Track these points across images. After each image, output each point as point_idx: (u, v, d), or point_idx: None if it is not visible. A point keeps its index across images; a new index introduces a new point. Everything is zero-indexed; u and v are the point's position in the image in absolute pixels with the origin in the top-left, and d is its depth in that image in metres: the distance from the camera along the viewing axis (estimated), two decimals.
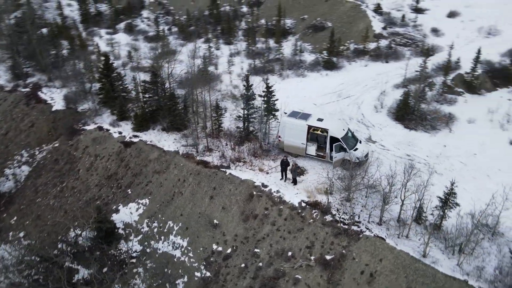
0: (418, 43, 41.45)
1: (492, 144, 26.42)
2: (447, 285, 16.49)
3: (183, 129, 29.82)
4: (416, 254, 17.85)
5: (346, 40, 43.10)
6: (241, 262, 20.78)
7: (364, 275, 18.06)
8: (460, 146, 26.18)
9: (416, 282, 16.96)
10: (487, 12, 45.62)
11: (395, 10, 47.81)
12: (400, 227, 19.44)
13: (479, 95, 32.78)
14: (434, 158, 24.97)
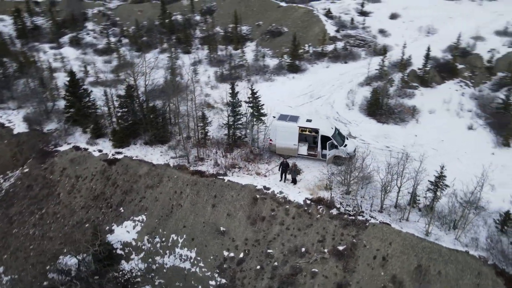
0: (370, 43, 44.81)
1: (453, 130, 29.76)
2: (452, 258, 18.60)
3: (167, 142, 29.55)
4: (420, 234, 19.82)
5: (304, 43, 45.18)
6: (256, 265, 21.37)
7: (377, 259, 19.64)
8: (428, 135, 29.14)
9: (425, 259, 18.88)
10: (423, 13, 50.56)
11: (343, 13, 51.08)
12: (400, 212, 21.33)
13: (431, 88, 36.45)
14: (409, 147, 27.48)
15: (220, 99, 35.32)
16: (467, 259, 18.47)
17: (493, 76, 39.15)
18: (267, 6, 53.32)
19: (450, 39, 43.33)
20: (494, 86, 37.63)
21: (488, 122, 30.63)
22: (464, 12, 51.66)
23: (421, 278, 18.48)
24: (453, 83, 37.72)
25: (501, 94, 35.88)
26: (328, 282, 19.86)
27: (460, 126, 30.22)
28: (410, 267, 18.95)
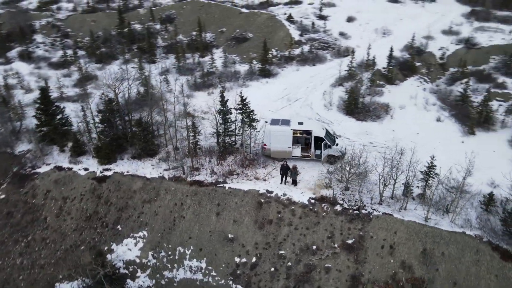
0: (333, 46, 47.03)
1: (424, 123, 32.37)
2: (452, 239, 20.48)
3: (155, 154, 29.13)
4: (421, 220, 21.57)
5: (270, 48, 46.30)
6: (269, 267, 21.92)
7: (385, 248, 21.06)
8: (403, 129, 31.44)
9: (429, 242, 20.60)
10: (375, 16, 53.95)
11: (303, 18, 53.06)
12: (397, 202, 23.00)
13: (396, 85, 39.22)
14: (390, 142, 29.51)
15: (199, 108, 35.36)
16: (465, 239, 20.43)
17: (446, 72, 42.94)
18: (229, 13, 53.91)
19: (404, 39, 46.82)
20: (448, 81, 41.26)
21: (452, 113, 33.61)
22: (411, 14, 55.88)
23: (427, 261, 20.14)
24: (414, 79, 40.84)
25: (456, 87, 39.53)
26: (342, 275, 20.91)
27: (429, 119, 32.92)
28: (417, 252, 20.55)
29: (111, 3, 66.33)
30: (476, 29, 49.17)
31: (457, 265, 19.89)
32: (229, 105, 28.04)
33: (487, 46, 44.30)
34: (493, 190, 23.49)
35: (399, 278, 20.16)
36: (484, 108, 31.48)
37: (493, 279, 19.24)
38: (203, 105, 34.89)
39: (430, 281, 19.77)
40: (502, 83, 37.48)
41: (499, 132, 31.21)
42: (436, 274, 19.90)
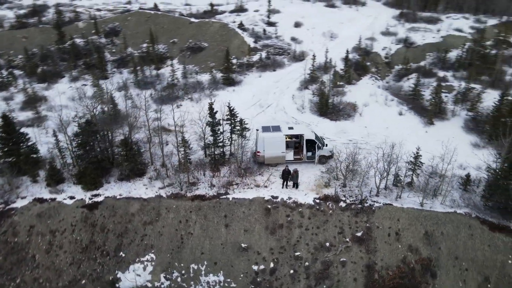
0: (288, 51, 49.02)
1: (389, 118, 35.42)
2: (447, 219, 23.05)
3: (144, 173, 28.24)
4: (417, 206, 23.89)
5: (227, 57, 46.81)
6: (288, 270, 22.66)
7: (391, 236, 22.99)
8: (374, 125, 34.13)
9: (428, 225, 22.95)
10: (319, 21, 57.27)
11: (253, 25, 54.41)
12: (391, 192, 25.14)
13: (354, 85, 42.22)
14: (367, 137, 31.98)
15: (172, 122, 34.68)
16: (458, 218, 23.12)
17: (392, 69, 47.16)
18: (178, 23, 53.37)
19: (350, 41, 50.45)
20: (395, 77, 45.45)
21: (409, 107, 37.20)
22: (349, 18, 60.24)
23: (430, 242, 22.43)
24: (367, 78, 44.32)
25: (404, 83, 43.72)
26: (357, 266, 22.40)
27: (392, 114, 36.10)
28: (420, 235, 22.76)
29: (42, 17, 61.70)
30: (409, 29, 54.58)
31: (455, 242, 22.43)
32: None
33: (422, 45, 49.52)
34: (463, 171, 26.71)
35: (409, 261, 22.16)
36: (437, 100, 35.30)
37: (487, 249, 22.08)
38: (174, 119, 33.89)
39: (436, 260, 22.05)
40: (443, 77, 42.24)
41: (451, 120, 35.30)
42: (439, 252, 22.25)
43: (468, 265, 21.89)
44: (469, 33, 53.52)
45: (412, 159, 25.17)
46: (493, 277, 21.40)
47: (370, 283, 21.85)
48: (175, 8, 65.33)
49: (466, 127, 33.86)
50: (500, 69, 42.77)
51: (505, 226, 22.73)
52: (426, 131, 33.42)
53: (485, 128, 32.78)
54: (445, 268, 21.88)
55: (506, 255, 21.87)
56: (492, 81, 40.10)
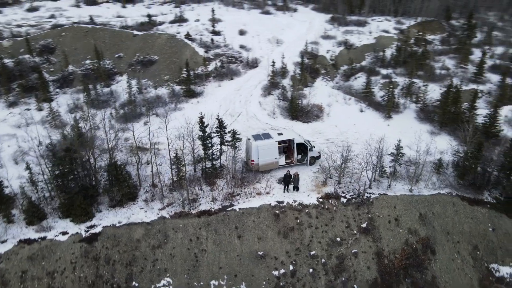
0: (240, 58, 49.98)
1: (353, 115, 38.35)
2: (434, 200, 26.04)
3: (136, 197, 27.08)
4: (407, 192, 26.55)
5: (181, 68, 46.35)
6: (307, 269, 23.69)
7: (391, 222, 25.29)
8: (342, 123, 36.71)
9: (421, 208, 25.69)
10: (261, 28, 59.17)
11: (199, 35, 54.37)
12: (380, 183, 27.55)
13: (310, 87, 44.72)
14: (341, 135, 34.34)
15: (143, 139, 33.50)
16: (442, 198, 26.24)
17: (338, 70, 50.81)
18: (121, 36, 51.19)
19: (296, 46, 53.21)
20: (343, 77, 49.18)
21: (367, 104, 40.63)
22: (287, 24, 63.17)
23: (425, 222, 25.16)
24: (320, 80, 47.23)
25: (351, 82, 47.49)
26: (368, 255, 24.25)
27: (354, 111, 39.12)
28: (415, 218, 25.39)
29: None
30: (344, 32, 59.12)
31: (444, 219, 25.47)
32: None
33: (360, 46, 54.09)
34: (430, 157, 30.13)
35: (411, 242, 24.62)
36: (390, 96, 39.14)
37: (470, 221, 25.46)
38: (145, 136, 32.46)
39: (432, 237, 24.82)
40: (387, 74, 46.75)
41: (404, 113, 39.39)
42: (434, 230, 25.08)
43: (458, 238, 25.01)
44: (394, 33, 59.66)
45: (394, 151, 27.77)
46: (480, 244, 24.75)
47: (382, 269, 23.80)
48: (108, 21, 62.20)
49: (418, 117, 38.09)
50: (430, 64, 48.61)
51: (480, 199, 26.38)
52: (388, 124, 36.87)
53: (435, 117, 37.18)
54: (441, 244, 24.72)
55: (486, 224, 25.44)
56: (428, 75, 45.42)
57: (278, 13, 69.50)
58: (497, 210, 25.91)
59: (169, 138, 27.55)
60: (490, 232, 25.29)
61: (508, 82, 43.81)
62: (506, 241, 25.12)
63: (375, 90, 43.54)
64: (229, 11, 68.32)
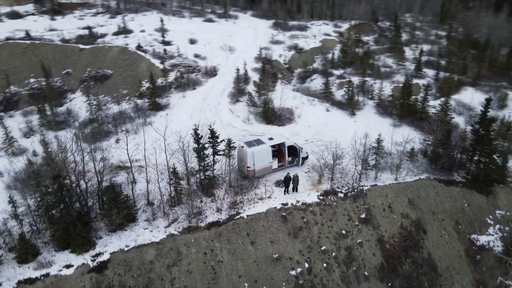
0: (197, 68, 49.74)
1: (321, 115, 40.58)
2: (418, 185, 28.90)
3: (135, 218, 26.07)
4: (393, 181, 29.09)
5: (139, 80, 44.95)
6: (321, 264, 24.91)
7: (386, 210, 27.59)
8: (314, 123, 38.70)
9: (408, 193, 28.35)
10: (210, 36, 59.33)
11: (149, 46, 53.01)
12: (368, 175, 29.81)
13: (272, 91, 46.25)
14: (316, 135, 36.24)
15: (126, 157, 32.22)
16: (424, 182, 29.22)
17: (293, 73, 53.12)
18: (66, 51, 47.96)
19: (249, 52, 54.50)
20: (299, 80, 51.56)
21: (330, 103, 43.20)
22: (233, 30, 64.09)
23: (414, 206, 27.85)
24: (279, 84, 48.94)
25: (308, 84, 50.08)
26: (371, 242, 26.20)
27: (321, 111, 41.39)
28: (405, 203, 27.96)
29: None
30: (290, 37, 61.76)
31: (428, 201, 28.42)
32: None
33: (309, 49, 56.99)
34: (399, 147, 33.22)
35: (405, 226, 27.10)
36: (350, 94, 42.14)
37: (449, 200, 28.74)
38: (122, 155, 30.85)
39: (422, 218, 27.59)
40: (341, 75, 50.03)
41: (365, 109, 42.65)
42: (422, 212, 27.87)
43: (442, 216, 28.10)
44: (335, 36, 63.84)
45: (375, 144, 30.20)
46: (461, 219, 28.08)
47: (385, 253, 25.87)
48: (41, 35, 57.52)
49: (379, 112, 41.55)
50: (374, 63, 53.01)
51: (452, 180, 29.88)
52: (355, 121, 39.66)
53: (392, 111, 40.87)
54: (430, 223, 27.58)
55: (461, 201, 28.92)
56: (376, 74, 49.56)
57: (221, 21, 70.04)
58: (468, 187, 29.54)
59: (156, 152, 26.93)
60: (466, 208, 28.79)
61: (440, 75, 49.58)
62: (480, 213, 28.81)
63: (333, 90, 46.31)
64: (171, 20, 67.16)
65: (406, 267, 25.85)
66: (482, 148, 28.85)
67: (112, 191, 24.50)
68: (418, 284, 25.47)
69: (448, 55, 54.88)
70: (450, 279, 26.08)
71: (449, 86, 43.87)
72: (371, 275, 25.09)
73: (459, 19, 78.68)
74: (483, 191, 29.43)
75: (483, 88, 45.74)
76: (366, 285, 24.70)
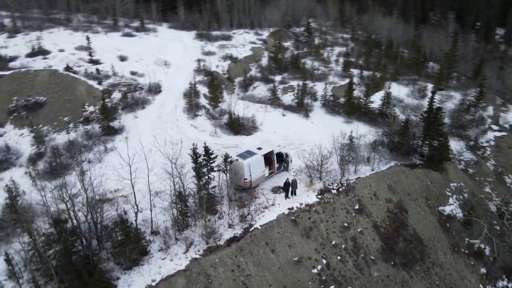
0: (138, 85, 47.62)
1: (279, 120, 42.71)
2: (390, 172, 32.70)
3: (148, 250, 24.71)
4: (371, 171, 32.49)
5: (80, 105, 41.47)
6: (336, 258, 26.82)
7: (372, 198, 30.77)
8: (277, 129, 40.62)
9: (386, 180, 31.98)
10: (136, 52, 56.92)
11: (77, 66, 49.01)
12: (349, 169, 32.79)
13: (222, 102, 46.97)
14: (286, 140, 38.18)
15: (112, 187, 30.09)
16: (394, 168, 33.18)
17: (233, 83, 54.45)
18: None
19: (186, 65, 54.23)
20: (241, 89, 53.23)
21: (283, 108, 45.62)
22: (159, 44, 62.45)
23: (393, 191, 31.59)
24: (226, 94, 49.78)
25: (252, 91, 52.03)
26: (369, 229, 29.04)
27: (278, 117, 43.51)
28: (386, 189, 31.51)
29: None
30: (220, 47, 62.80)
31: (402, 184, 32.48)
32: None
33: (243, 58, 58.81)
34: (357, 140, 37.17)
35: (390, 209, 30.61)
36: (300, 98, 45.12)
37: (417, 181, 33.25)
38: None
39: (402, 200, 31.45)
40: (283, 80, 52.86)
41: (315, 110, 46.05)
42: (400, 195, 31.75)
43: (415, 195, 32.40)
44: (260, 44, 66.84)
45: (348, 141, 33.32)
46: (429, 196, 32.75)
47: (382, 236, 28.96)
48: None
49: (328, 112, 45.31)
50: (305, 67, 57.21)
51: (414, 163, 34.54)
52: (312, 122, 42.67)
53: (340, 110, 45.00)
54: (408, 203, 31.60)
55: (425, 180, 33.69)
56: (311, 77, 53.62)
57: (140, 34, 67.49)
58: (426, 167, 34.50)
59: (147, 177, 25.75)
60: (430, 185, 33.62)
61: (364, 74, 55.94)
62: (440, 188, 33.91)
63: (279, 95, 48.83)
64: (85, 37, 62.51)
65: (400, 245, 29.25)
66: (432, 133, 33.93)
67: (124, 225, 22.79)
68: (413, 258, 29.06)
69: (365, 55, 61.82)
70: (434, 248, 30.30)
71: (376, 83, 49.77)
72: (377, 258, 27.82)
73: (355, 22, 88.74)
74: (438, 169, 34.64)
75: (402, 82, 52.95)
76: (375, 268, 27.32)
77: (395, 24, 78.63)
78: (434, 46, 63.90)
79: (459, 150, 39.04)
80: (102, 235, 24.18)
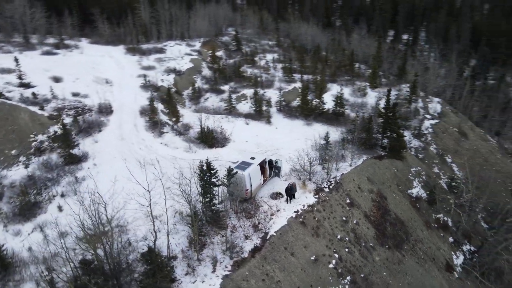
0: (85, 108, 44.16)
1: (245, 129, 43.65)
2: (365, 165, 35.90)
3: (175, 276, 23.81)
4: (350, 167, 35.33)
5: (26, 134, 37.37)
6: (344, 250, 28.79)
7: (358, 191, 33.54)
8: (248, 137, 41.47)
9: (364, 173, 35.07)
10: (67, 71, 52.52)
11: (6, 92, 43.74)
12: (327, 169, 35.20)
13: (182, 116, 46.31)
14: (259, 147, 39.26)
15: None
16: (367, 162, 36.38)
17: (183, 95, 53.67)
18: None
19: (129, 81, 52.08)
20: (192, 101, 52.75)
21: (243, 116, 46.51)
22: (88, 61, 58.36)
23: (372, 181, 34.83)
24: (180, 108, 49.01)
25: (204, 103, 52.10)
26: (362, 220, 31.61)
27: (243, 126, 44.32)
28: (366, 181, 34.51)
29: None
30: (157, 60, 61.18)
31: (376, 175, 35.92)
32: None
33: (185, 70, 58.19)
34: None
35: (374, 198, 33.72)
36: (258, 106, 46.59)
37: (387, 171, 37.02)
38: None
39: (380, 189, 34.84)
40: (234, 90, 53.59)
41: (274, 116, 47.80)
42: (377, 184, 35.08)
43: (388, 183, 36.09)
44: (196, 55, 66.67)
45: (324, 142, 35.77)
46: (399, 182, 36.76)
47: (374, 224, 31.81)
48: None
49: (286, 116, 47.46)
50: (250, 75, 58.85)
51: (380, 155, 38.38)
52: (276, 128, 44.37)
53: (296, 113, 47.55)
54: (385, 191, 35.09)
55: (392, 169, 37.67)
56: (259, 84, 55.41)
57: (63, 52, 62.24)
58: (390, 158, 38.57)
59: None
60: (397, 173, 37.71)
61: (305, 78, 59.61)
62: (405, 174, 38.23)
63: (234, 104, 49.62)
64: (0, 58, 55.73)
65: (388, 229, 32.41)
66: (392, 126, 38.16)
67: (154, 256, 21.61)
68: (400, 239, 32.45)
69: (298, 61, 65.69)
70: (413, 227, 34.17)
71: (319, 85, 53.58)
72: (375, 245, 30.49)
73: (275, 30, 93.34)
74: (399, 157, 38.99)
75: (340, 83, 57.74)
76: (376, 253, 29.95)
77: (316, 30, 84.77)
78: (356, 48, 70.60)
79: (407, 139, 44.20)
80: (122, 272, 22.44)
